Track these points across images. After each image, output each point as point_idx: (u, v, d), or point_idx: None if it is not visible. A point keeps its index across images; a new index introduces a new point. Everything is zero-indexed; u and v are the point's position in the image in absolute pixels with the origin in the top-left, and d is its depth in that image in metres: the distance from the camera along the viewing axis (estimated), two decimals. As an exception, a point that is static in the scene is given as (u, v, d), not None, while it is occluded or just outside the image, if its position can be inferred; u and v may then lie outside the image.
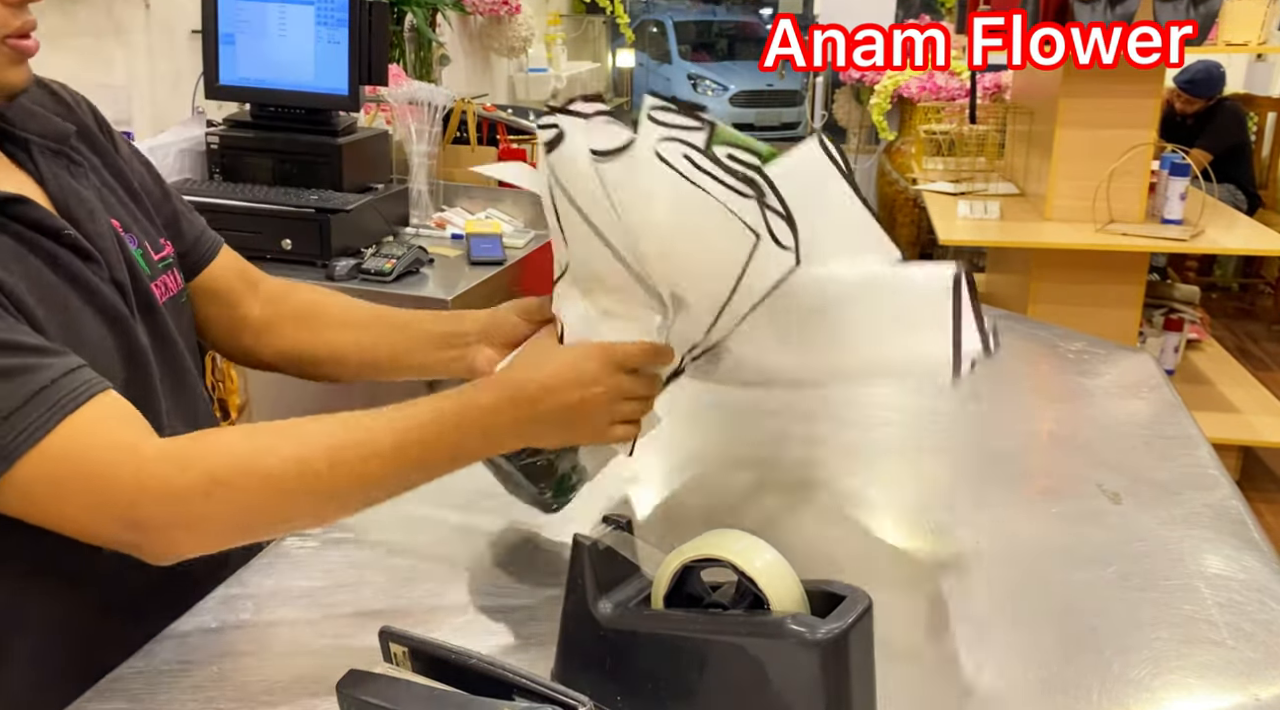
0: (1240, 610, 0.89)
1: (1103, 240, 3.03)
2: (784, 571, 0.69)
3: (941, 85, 5.16)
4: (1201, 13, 2.79)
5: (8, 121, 0.90)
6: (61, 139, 0.94)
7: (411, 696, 0.65)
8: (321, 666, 0.78)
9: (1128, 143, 3.05)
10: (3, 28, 0.83)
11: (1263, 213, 4.94)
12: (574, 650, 0.76)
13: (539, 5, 5.35)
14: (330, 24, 2.20)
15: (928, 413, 1.32)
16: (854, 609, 0.67)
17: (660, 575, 0.73)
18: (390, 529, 1.02)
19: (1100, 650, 0.83)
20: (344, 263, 2.12)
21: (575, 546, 0.74)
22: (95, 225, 0.91)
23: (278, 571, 0.94)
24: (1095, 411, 1.36)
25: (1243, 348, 4.69)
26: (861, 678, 0.68)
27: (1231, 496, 1.09)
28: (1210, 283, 5.39)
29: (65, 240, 0.87)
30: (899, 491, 1.12)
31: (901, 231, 5.59)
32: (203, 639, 0.85)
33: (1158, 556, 0.97)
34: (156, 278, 0.98)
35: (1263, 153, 5.46)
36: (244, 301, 1.12)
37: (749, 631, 0.68)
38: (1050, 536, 1.02)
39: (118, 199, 0.98)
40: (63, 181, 0.92)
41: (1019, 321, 1.73)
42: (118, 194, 0.99)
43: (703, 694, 0.70)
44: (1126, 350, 1.58)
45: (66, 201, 0.91)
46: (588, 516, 0.96)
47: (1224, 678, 0.81)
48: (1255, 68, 5.78)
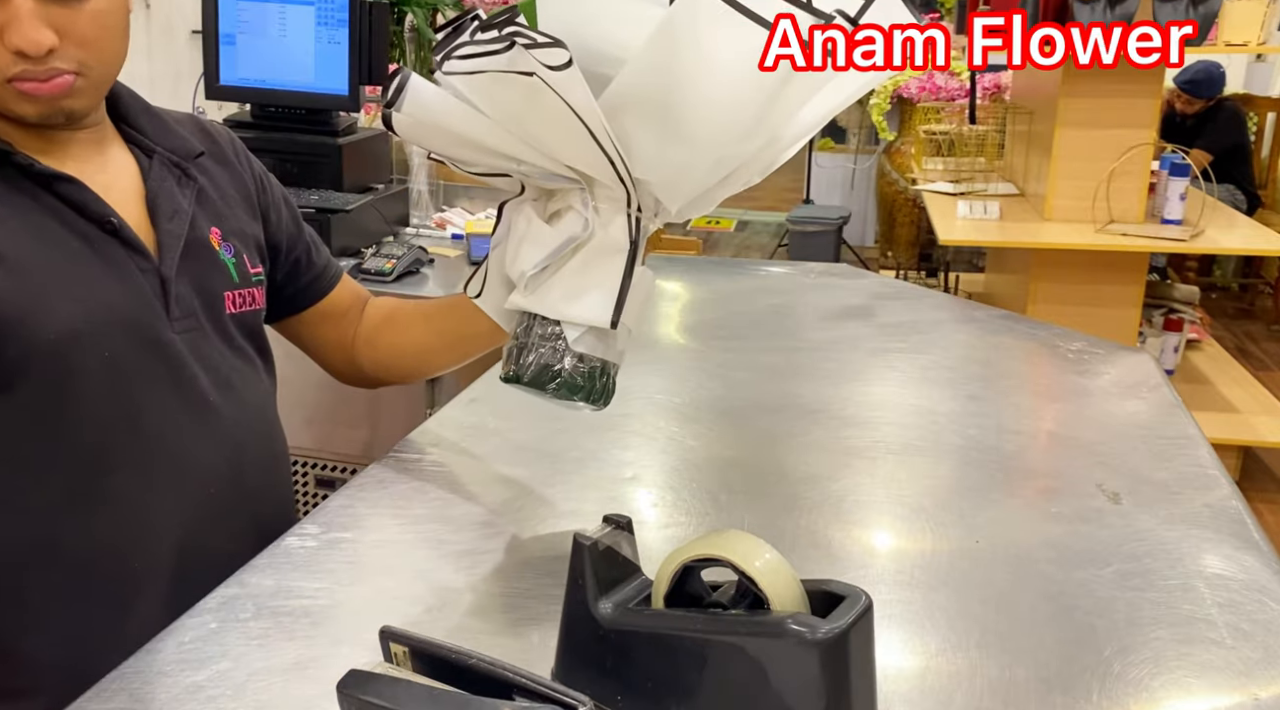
0: (1239, 610, 0.89)
1: (1102, 240, 3.03)
2: (784, 571, 0.69)
3: (941, 85, 5.16)
4: (1201, 13, 2.79)
5: (144, 133, 1.05)
6: (186, 156, 1.07)
7: (411, 696, 0.65)
8: (321, 666, 0.78)
9: (1127, 143, 3.06)
10: (2, 72, 0.91)
11: (1262, 213, 4.95)
12: (574, 650, 0.76)
13: (539, 5, 5.34)
14: (330, 24, 2.20)
15: (927, 413, 1.32)
16: (854, 609, 0.67)
17: (660, 575, 0.73)
18: (390, 529, 1.03)
19: (1100, 650, 0.83)
20: (344, 263, 2.12)
21: (575, 546, 0.74)
22: (171, 224, 1.02)
23: (278, 571, 0.94)
24: (1095, 411, 1.36)
25: (1242, 348, 4.69)
26: (861, 678, 0.68)
27: (1231, 496, 1.09)
28: (1210, 283, 5.40)
29: (108, 227, 0.97)
30: (899, 491, 1.12)
31: (901, 231, 5.60)
32: (203, 639, 0.85)
33: (1157, 556, 0.97)
34: (241, 287, 1.08)
35: (1262, 153, 5.46)
36: (355, 320, 1.22)
37: (749, 631, 0.68)
38: (1050, 536, 1.02)
39: (229, 213, 1.09)
40: (165, 184, 1.04)
41: (1019, 321, 1.73)
42: (232, 209, 1.10)
43: (703, 694, 0.70)
44: (1126, 350, 1.58)
45: (156, 199, 1.02)
46: (588, 516, 0.96)
47: (1223, 677, 0.81)
48: (1255, 68, 5.79)
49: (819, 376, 1.43)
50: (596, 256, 0.92)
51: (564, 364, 0.92)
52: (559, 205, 0.93)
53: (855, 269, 1.96)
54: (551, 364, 0.92)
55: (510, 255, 0.95)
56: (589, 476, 1.14)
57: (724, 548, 0.70)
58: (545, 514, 1.05)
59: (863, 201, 6.26)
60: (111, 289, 0.96)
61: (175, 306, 1.00)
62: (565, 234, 0.91)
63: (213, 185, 1.10)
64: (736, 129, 0.86)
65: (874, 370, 1.49)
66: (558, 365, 0.92)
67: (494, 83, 0.84)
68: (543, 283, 0.92)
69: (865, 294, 1.79)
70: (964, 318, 1.70)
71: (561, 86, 0.81)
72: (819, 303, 1.77)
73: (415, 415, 1.91)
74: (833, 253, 5.33)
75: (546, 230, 0.92)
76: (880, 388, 1.44)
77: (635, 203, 0.90)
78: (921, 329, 1.62)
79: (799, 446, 1.23)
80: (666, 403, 1.34)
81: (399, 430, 1.22)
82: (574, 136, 0.84)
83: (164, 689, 0.79)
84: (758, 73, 0.81)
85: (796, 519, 1.04)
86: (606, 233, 0.91)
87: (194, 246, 1.03)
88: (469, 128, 0.89)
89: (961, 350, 1.57)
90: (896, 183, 5.54)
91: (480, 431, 1.24)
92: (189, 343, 1.00)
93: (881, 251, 5.98)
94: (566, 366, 0.93)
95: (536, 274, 0.92)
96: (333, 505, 1.05)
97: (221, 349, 1.05)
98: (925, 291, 1.91)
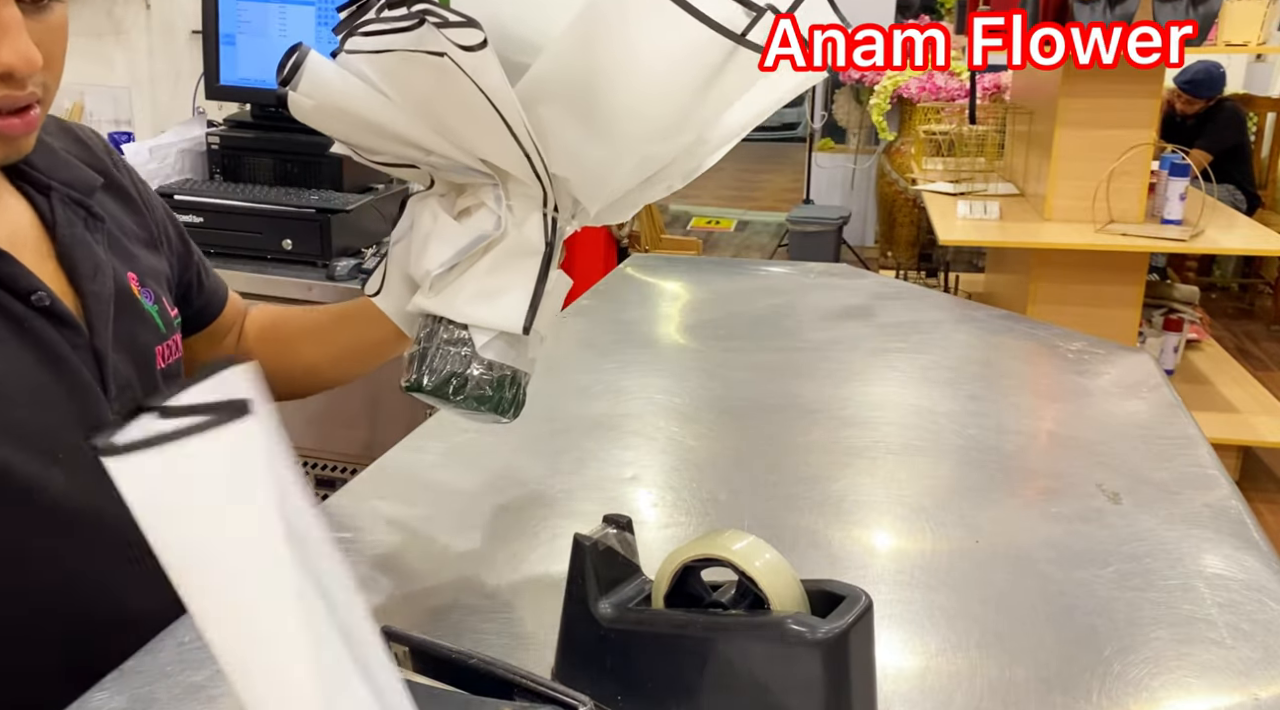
0: (1239, 610, 0.89)
1: (1102, 240, 3.03)
2: (784, 571, 0.69)
3: (941, 85, 5.16)
4: (1201, 13, 2.79)
5: (36, 168, 0.88)
6: (87, 191, 0.92)
7: (411, 696, 0.65)
8: (322, 666, 0.78)
9: (1127, 143, 3.06)
10: None
11: (1262, 213, 4.95)
12: (574, 650, 0.76)
13: (539, 5, 5.34)
14: (330, 24, 2.20)
15: (927, 413, 1.32)
16: (854, 609, 0.67)
17: (660, 575, 0.73)
18: (390, 529, 1.03)
19: (1099, 650, 0.83)
20: (344, 263, 2.13)
21: (575, 546, 0.74)
22: (95, 284, 0.88)
23: (278, 571, 0.94)
24: (1095, 411, 1.36)
25: (1242, 348, 4.69)
26: (861, 678, 0.68)
27: (1231, 496, 1.09)
28: (1210, 283, 5.40)
29: (35, 303, 0.83)
30: (899, 491, 1.12)
31: (901, 231, 5.60)
32: (203, 640, 0.85)
33: (1157, 556, 0.97)
34: (168, 337, 0.95)
35: (1262, 153, 5.46)
36: (236, 336, 1.11)
37: (749, 631, 0.68)
38: (1050, 536, 1.02)
39: (137, 250, 0.96)
40: (76, 232, 0.89)
41: (1019, 321, 1.73)
42: (135, 244, 0.96)
43: (703, 694, 0.70)
44: (1126, 350, 1.58)
45: (73, 254, 0.88)
46: (588, 516, 0.96)
47: (1223, 677, 0.81)
48: (1255, 68, 5.78)
49: (819, 376, 1.43)
50: (509, 257, 0.84)
51: (471, 372, 0.84)
52: (469, 202, 0.86)
53: (855, 269, 1.96)
54: (457, 371, 0.84)
55: (415, 252, 0.87)
56: (589, 476, 1.14)
57: (724, 548, 0.70)
58: (545, 514, 1.05)
59: (863, 201, 6.26)
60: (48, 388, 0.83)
61: (112, 384, 0.87)
62: (475, 231, 0.84)
63: (112, 218, 0.94)
64: (661, 126, 0.80)
65: (874, 370, 1.49)
66: (464, 373, 0.84)
67: (401, 63, 0.77)
68: (449, 283, 0.85)
69: (865, 294, 1.79)
70: (964, 318, 1.70)
71: (475, 69, 0.74)
72: (819, 303, 1.77)
73: (415, 415, 1.91)
74: (833, 253, 5.34)
75: (455, 227, 0.85)
76: (880, 388, 1.44)
77: (552, 202, 0.83)
78: (921, 329, 1.62)
79: (799, 446, 1.23)
80: (666, 403, 1.34)
81: (399, 430, 1.22)
82: (487, 126, 0.78)
83: (164, 689, 0.79)
84: (685, 67, 0.76)
85: (796, 519, 1.04)
86: (520, 232, 0.84)
87: (120, 304, 0.90)
88: (374, 112, 0.82)
89: (961, 350, 1.57)
90: (896, 183, 5.54)
91: (480, 431, 1.24)
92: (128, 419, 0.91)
93: (881, 251, 5.98)
94: (474, 374, 0.85)
95: (443, 274, 0.84)
96: (332, 505, 1.05)
97: None
98: (925, 291, 1.91)
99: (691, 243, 5.55)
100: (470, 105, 0.76)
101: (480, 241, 0.83)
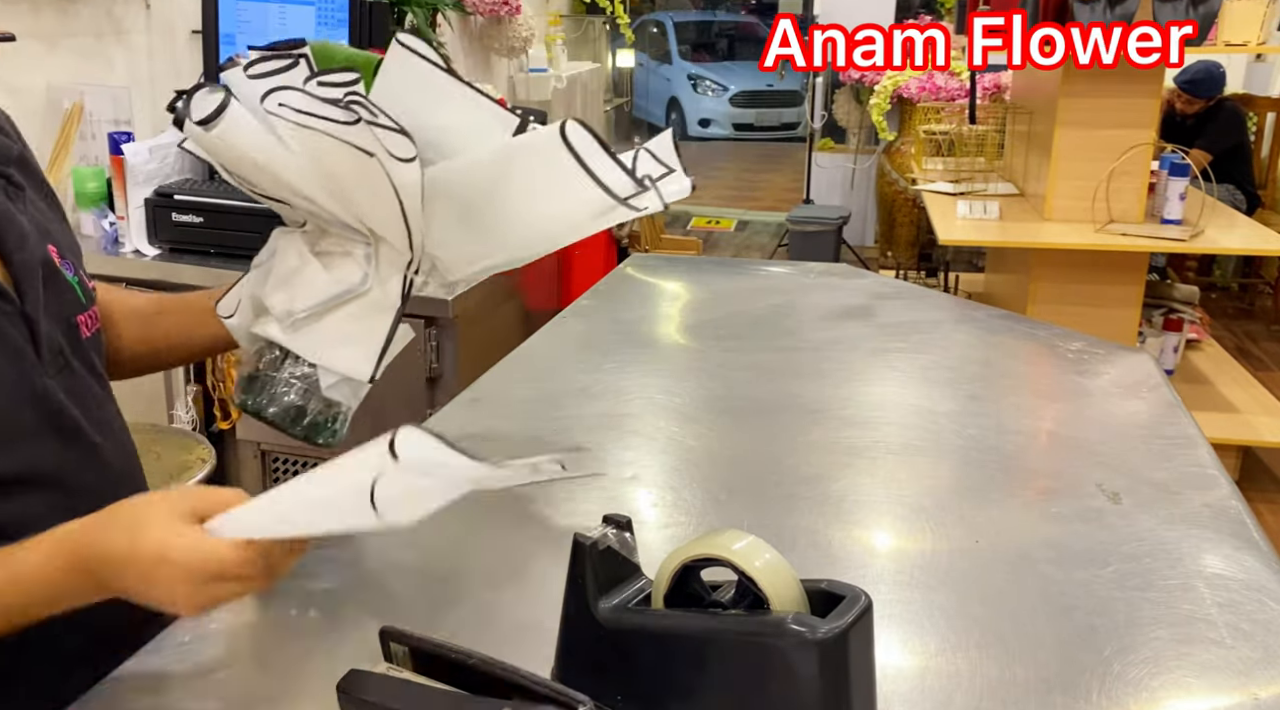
0: (1239, 610, 0.89)
1: (1102, 240, 3.03)
2: (784, 571, 0.69)
3: (941, 85, 5.16)
4: (1201, 13, 2.79)
5: None
6: (5, 161, 0.92)
7: (411, 696, 0.65)
8: (322, 666, 0.78)
9: (1127, 143, 3.06)
10: None
11: (1262, 213, 4.95)
12: (574, 650, 0.76)
13: (539, 5, 5.35)
14: (330, 24, 2.20)
15: (927, 413, 1.32)
16: (854, 609, 0.67)
17: (660, 575, 0.73)
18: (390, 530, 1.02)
19: (1099, 650, 0.83)
20: (344, 263, 2.12)
21: (575, 546, 0.74)
22: (24, 254, 0.88)
23: (278, 571, 0.94)
24: (1095, 411, 1.36)
25: (1242, 348, 4.69)
26: (861, 678, 0.68)
27: (1231, 496, 1.09)
28: (1210, 283, 5.39)
29: None
30: (899, 491, 1.12)
31: (901, 231, 5.60)
32: (203, 640, 0.85)
33: (1157, 556, 0.97)
34: (89, 308, 0.96)
35: (1262, 153, 5.46)
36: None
37: (749, 631, 0.68)
38: (1049, 536, 1.02)
39: (54, 223, 0.96)
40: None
41: (1019, 321, 1.73)
42: (51, 222, 0.96)
43: (703, 694, 0.70)
44: (1126, 350, 1.58)
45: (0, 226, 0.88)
46: (588, 516, 0.96)
47: (1223, 677, 0.81)
48: (1255, 68, 5.78)
49: (819, 376, 1.43)
50: (369, 311, 0.94)
51: (310, 405, 0.95)
52: (333, 246, 0.95)
53: (855, 269, 1.96)
54: (300, 404, 0.95)
55: (273, 285, 0.95)
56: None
57: (724, 548, 0.70)
58: (545, 514, 1.05)
59: (863, 201, 6.26)
60: (6, 373, 0.83)
61: (45, 349, 0.87)
62: (344, 285, 0.93)
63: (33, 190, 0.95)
64: (538, 246, 0.95)
65: (874, 370, 1.49)
66: (304, 406, 0.95)
67: (325, 141, 0.86)
68: (307, 325, 0.94)
69: (865, 294, 1.79)
70: (964, 318, 1.70)
71: (398, 175, 0.85)
72: (819, 303, 1.77)
73: (415, 415, 1.91)
74: (833, 253, 5.33)
75: (323, 277, 0.94)
76: (880, 388, 1.44)
77: (415, 266, 0.94)
78: (921, 329, 1.62)
79: (799, 446, 1.23)
80: (666, 403, 1.34)
81: (399, 430, 1.22)
82: (385, 206, 0.88)
83: (164, 689, 0.79)
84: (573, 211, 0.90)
85: (796, 519, 1.04)
86: (384, 290, 0.94)
87: (46, 274, 0.90)
88: (278, 166, 0.90)
89: (961, 350, 1.57)
90: (896, 183, 5.54)
91: (481, 432, 1.24)
92: (63, 385, 0.89)
93: (881, 251, 5.98)
94: (312, 408, 0.95)
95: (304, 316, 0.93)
96: (333, 505, 1.04)
97: (89, 382, 0.93)
98: (925, 291, 1.91)
99: (691, 243, 5.55)
100: (377, 190, 0.87)
101: (348, 295, 0.93)
